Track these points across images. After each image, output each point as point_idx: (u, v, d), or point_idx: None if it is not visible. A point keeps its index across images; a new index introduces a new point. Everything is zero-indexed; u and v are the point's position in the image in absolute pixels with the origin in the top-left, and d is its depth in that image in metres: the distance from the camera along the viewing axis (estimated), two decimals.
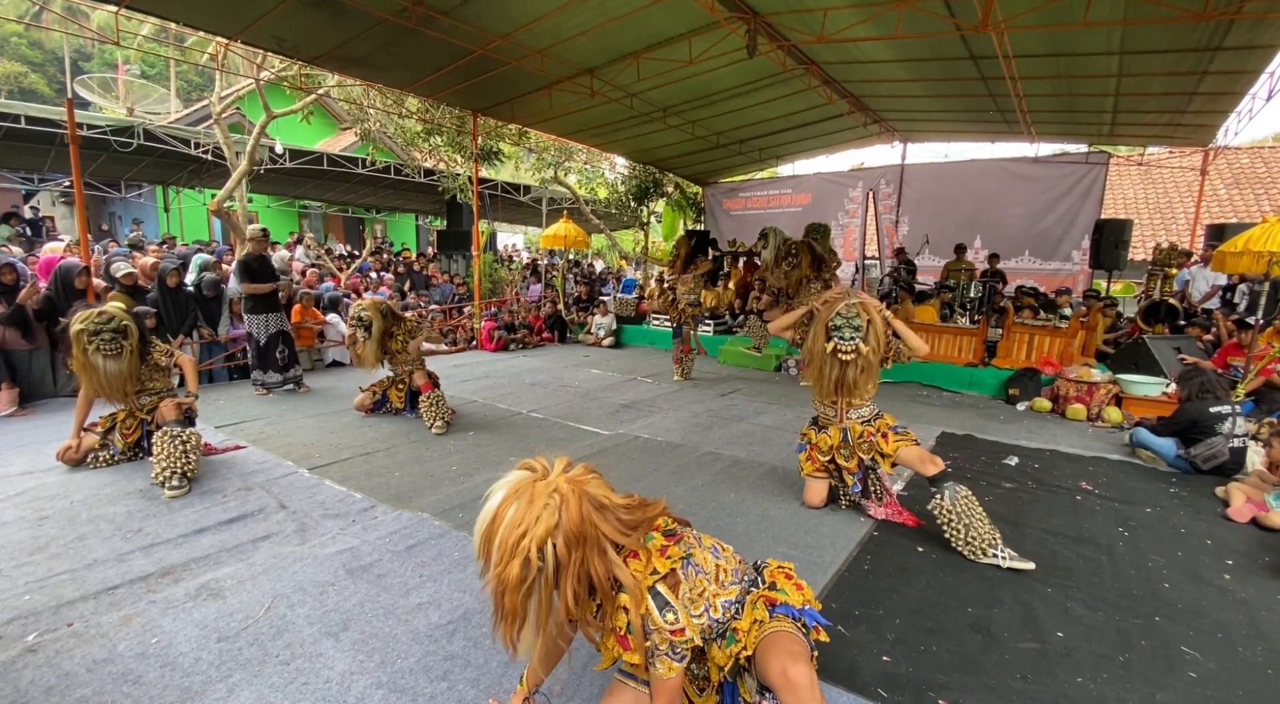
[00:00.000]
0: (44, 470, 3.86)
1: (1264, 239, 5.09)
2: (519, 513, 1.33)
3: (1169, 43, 5.94)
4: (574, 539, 1.36)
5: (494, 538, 1.33)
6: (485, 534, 1.35)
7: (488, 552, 1.35)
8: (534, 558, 1.32)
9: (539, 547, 1.32)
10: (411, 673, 2.06)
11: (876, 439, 3.21)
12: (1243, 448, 4.17)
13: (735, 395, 6.56)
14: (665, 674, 1.48)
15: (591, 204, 16.34)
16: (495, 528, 1.33)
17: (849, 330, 3.05)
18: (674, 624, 1.45)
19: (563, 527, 1.35)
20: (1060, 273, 10.23)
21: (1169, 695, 2.05)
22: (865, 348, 3.05)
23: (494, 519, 1.34)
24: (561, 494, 1.37)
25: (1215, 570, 2.93)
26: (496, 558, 1.32)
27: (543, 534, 1.33)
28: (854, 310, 3.04)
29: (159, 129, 11.21)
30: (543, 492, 1.36)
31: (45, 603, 2.41)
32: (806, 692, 1.44)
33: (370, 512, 3.34)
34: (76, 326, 3.62)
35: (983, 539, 2.85)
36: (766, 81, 8.20)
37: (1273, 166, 14.82)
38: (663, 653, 1.46)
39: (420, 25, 6.02)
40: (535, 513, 1.33)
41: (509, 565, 1.31)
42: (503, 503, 1.35)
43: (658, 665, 1.47)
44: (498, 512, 1.35)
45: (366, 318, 5.08)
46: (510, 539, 1.32)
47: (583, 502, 1.39)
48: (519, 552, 1.31)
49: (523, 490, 1.36)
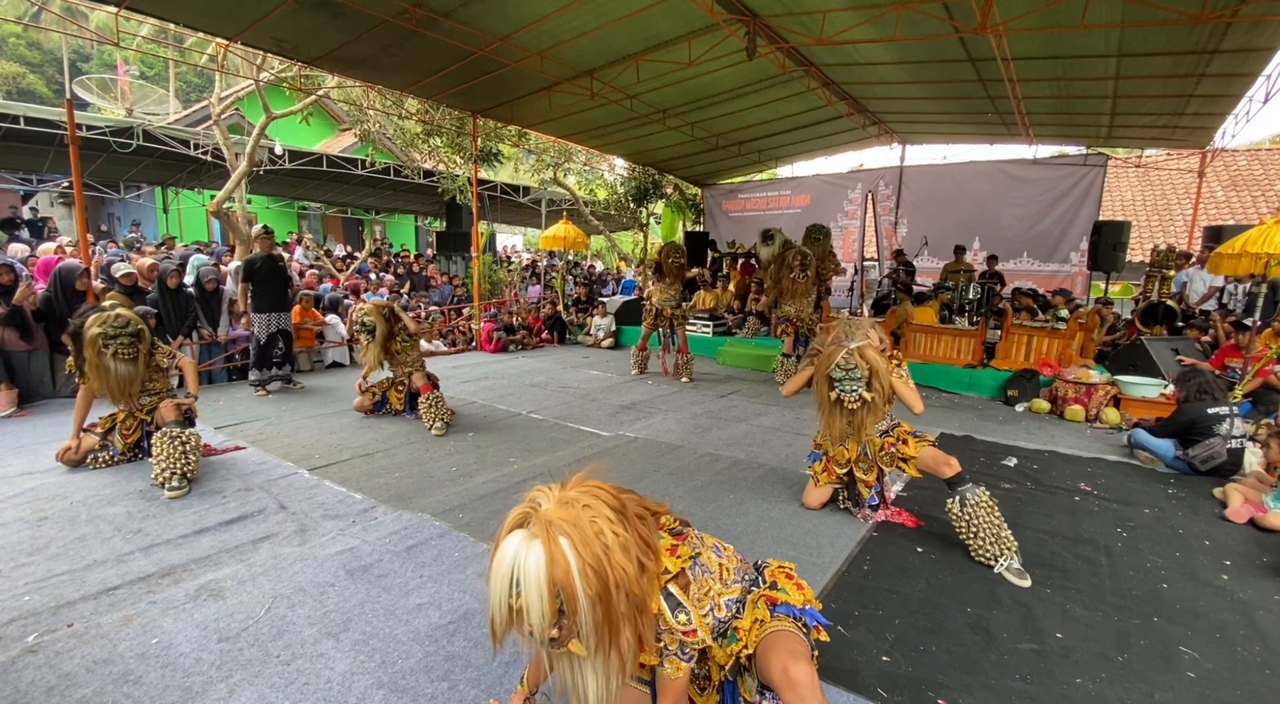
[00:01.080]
0: (43, 471, 3.86)
1: (1261, 241, 5.10)
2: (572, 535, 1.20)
3: (1166, 45, 5.96)
4: (620, 513, 1.32)
5: (570, 573, 1.17)
6: (552, 580, 1.17)
7: (569, 591, 1.18)
8: (622, 535, 1.25)
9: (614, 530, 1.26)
10: (412, 673, 2.06)
11: (898, 446, 3.19)
12: (1240, 449, 4.18)
13: (735, 396, 6.57)
14: (674, 674, 1.47)
15: (591, 205, 16.36)
16: (563, 564, 1.17)
17: (849, 382, 2.97)
18: (686, 625, 1.43)
19: (608, 506, 1.30)
20: (1059, 274, 10.26)
21: (1167, 695, 2.05)
22: (869, 395, 2.98)
23: (553, 560, 1.17)
24: (576, 498, 1.30)
25: (1213, 571, 2.94)
26: (593, 582, 1.18)
27: (607, 523, 1.26)
28: (851, 361, 2.93)
29: (158, 130, 11.21)
30: (566, 510, 1.25)
31: (45, 604, 2.41)
32: (807, 690, 1.44)
33: (370, 512, 3.34)
34: (94, 330, 3.64)
35: (986, 551, 2.85)
36: (766, 83, 8.22)
37: (1270, 168, 14.85)
38: (672, 653, 1.45)
39: (420, 27, 6.03)
40: (585, 521, 1.23)
41: (614, 567, 1.20)
42: (545, 545, 1.18)
43: (666, 666, 1.46)
44: (551, 553, 1.17)
45: (370, 322, 5.09)
46: (593, 554, 1.19)
47: (599, 486, 1.35)
48: (613, 547, 1.22)
49: (548, 523, 1.21)
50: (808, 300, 7.16)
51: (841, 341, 2.98)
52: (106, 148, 10.81)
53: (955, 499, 2.94)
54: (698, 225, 14.16)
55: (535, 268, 15.55)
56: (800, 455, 4.51)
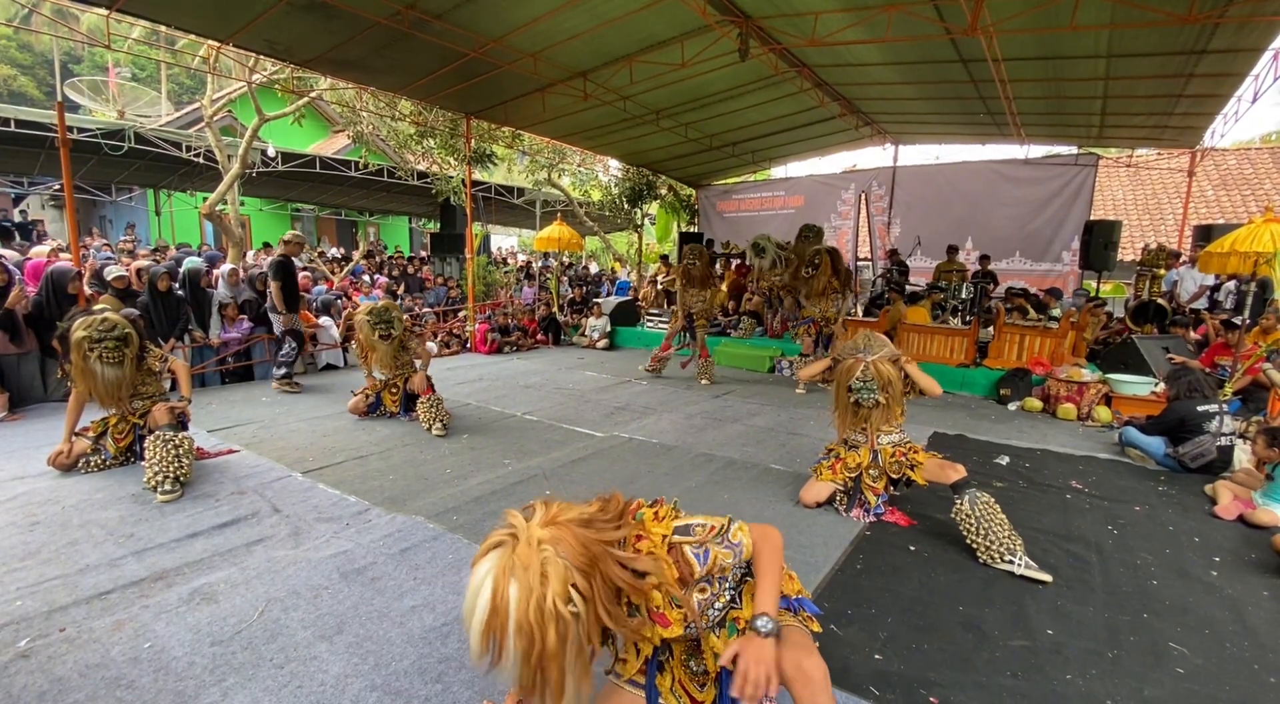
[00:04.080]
0: (35, 475, 3.84)
1: (1250, 240, 5.15)
2: (522, 586, 1.21)
3: (1155, 46, 6.01)
4: (588, 567, 1.29)
5: (507, 625, 1.20)
6: (489, 626, 1.20)
7: (501, 641, 1.21)
8: (566, 613, 1.23)
9: (565, 599, 1.23)
10: (406, 675, 2.06)
11: (909, 455, 3.36)
12: (1230, 446, 4.22)
13: (729, 397, 6.58)
14: (747, 538, 1.53)
15: (585, 206, 16.36)
16: (503, 616, 1.20)
17: (866, 392, 3.29)
18: (703, 531, 1.50)
19: (572, 564, 1.26)
20: (1051, 274, 10.32)
21: (1157, 690, 2.07)
22: (884, 398, 3.29)
23: (494, 609, 1.20)
24: (548, 539, 1.27)
25: (1203, 567, 2.97)
26: (522, 642, 1.20)
27: (561, 588, 1.23)
28: (869, 374, 3.26)
29: (150, 132, 11.17)
30: (531, 553, 1.24)
31: (37, 608, 2.40)
32: (820, 684, 1.46)
33: (364, 515, 3.34)
34: (79, 333, 3.60)
35: (1001, 544, 2.86)
36: (759, 84, 8.25)
37: (1259, 168, 14.99)
38: (720, 546, 1.49)
39: (413, 29, 6.02)
40: (538, 573, 1.22)
41: (545, 637, 1.20)
42: (496, 588, 1.21)
43: (734, 540, 1.51)
44: (495, 599, 1.20)
45: (392, 317, 5.09)
46: (530, 614, 1.20)
47: (571, 530, 1.31)
48: (548, 616, 1.21)
49: (509, 565, 1.23)
50: (829, 301, 7.14)
51: (859, 355, 3.31)
52: (98, 150, 10.76)
53: (965, 499, 2.96)
54: (692, 226, 14.18)
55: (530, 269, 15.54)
56: (795, 455, 4.53)
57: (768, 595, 1.53)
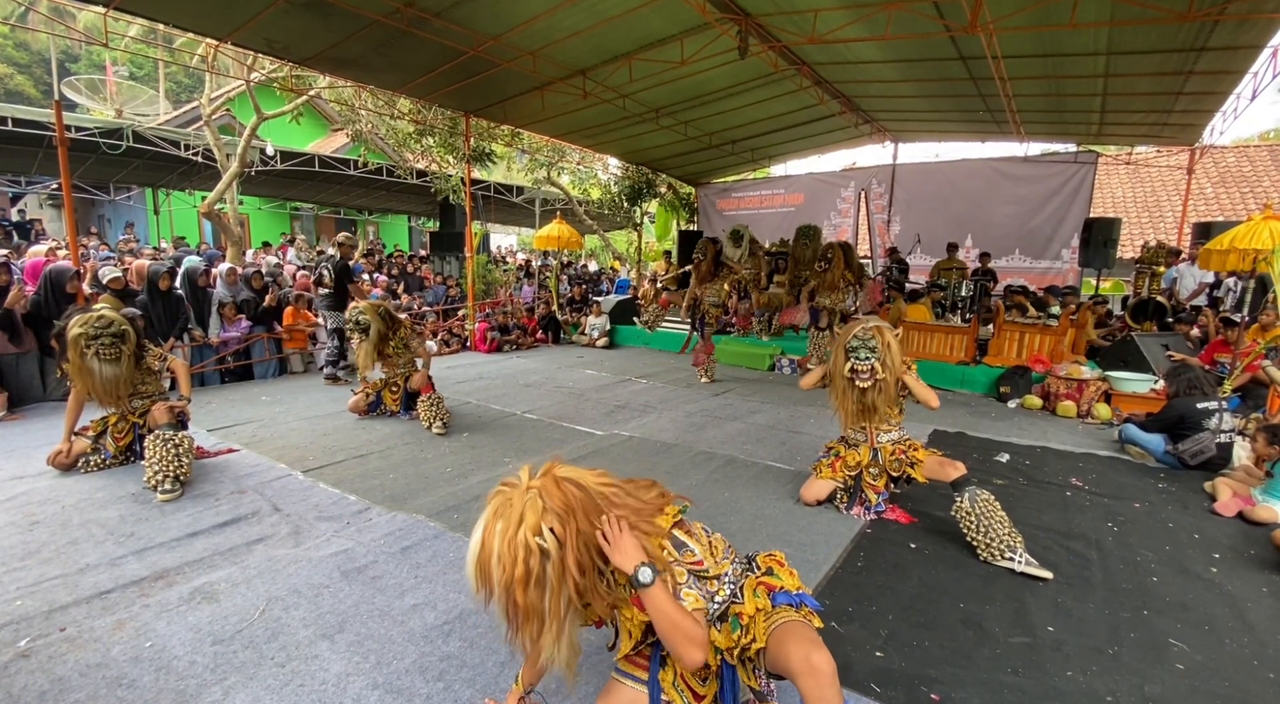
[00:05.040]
0: (34, 475, 3.84)
1: (1249, 237, 5.15)
2: (505, 524, 1.34)
3: (1155, 43, 6.00)
4: (565, 512, 1.39)
5: (490, 559, 1.33)
6: (480, 562, 1.34)
7: (487, 575, 1.34)
8: (534, 545, 1.33)
9: (535, 533, 1.34)
10: (407, 673, 2.06)
11: (910, 453, 3.35)
12: (1229, 443, 4.23)
13: (729, 395, 6.58)
14: (693, 605, 1.51)
15: (585, 205, 16.34)
16: (488, 551, 1.34)
17: (864, 351, 3.19)
18: (693, 557, 1.54)
19: (550, 508, 1.37)
20: (1050, 271, 10.32)
21: (1157, 687, 2.08)
22: (880, 369, 3.17)
23: (483, 545, 1.35)
24: (536, 487, 1.40)
25: (1202, 564, 2.97)
26: (502, 572, 1.32)
27: (535, 522, 1.35)
28: (869, 333, 3.20)
29: (148, 131, 11.14)
30: (518, 497, 1.38)
31: (38, 608, 2.40)
32: (828, 678, 1.47)
33: (365, 514, 3.34)
34: (75, 330, 3.59)
35: (1001, 542, 2.86)
36: (758, 82, 8.24)
37: (1258, 165, 14.99)
38: (684, 585, 1.51)
39: (412, 27, 6.01)
40: (518, 513, 1.35)
41: (516, 567, 1.31)
42: (486, 525, 1.36)
43: (685, 598, 1.51)
44: (484, 536, 1.35)
45: (365, 321, 5.08)
46: (505, 547, 1.32)
47: (559, 483, 1.42)
48: (519, 546, 1.32)
49: (500, 506, 1.38)
50: (842, 294, 7.16)
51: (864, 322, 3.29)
52: (96, 149, 10.73)
53: (965, 497, 2.96)
54: (692, 224, 14.17)
55: (529, 268, 15.52)
56: (795, 453, 4.54)
57: (659, 598, 1.44)
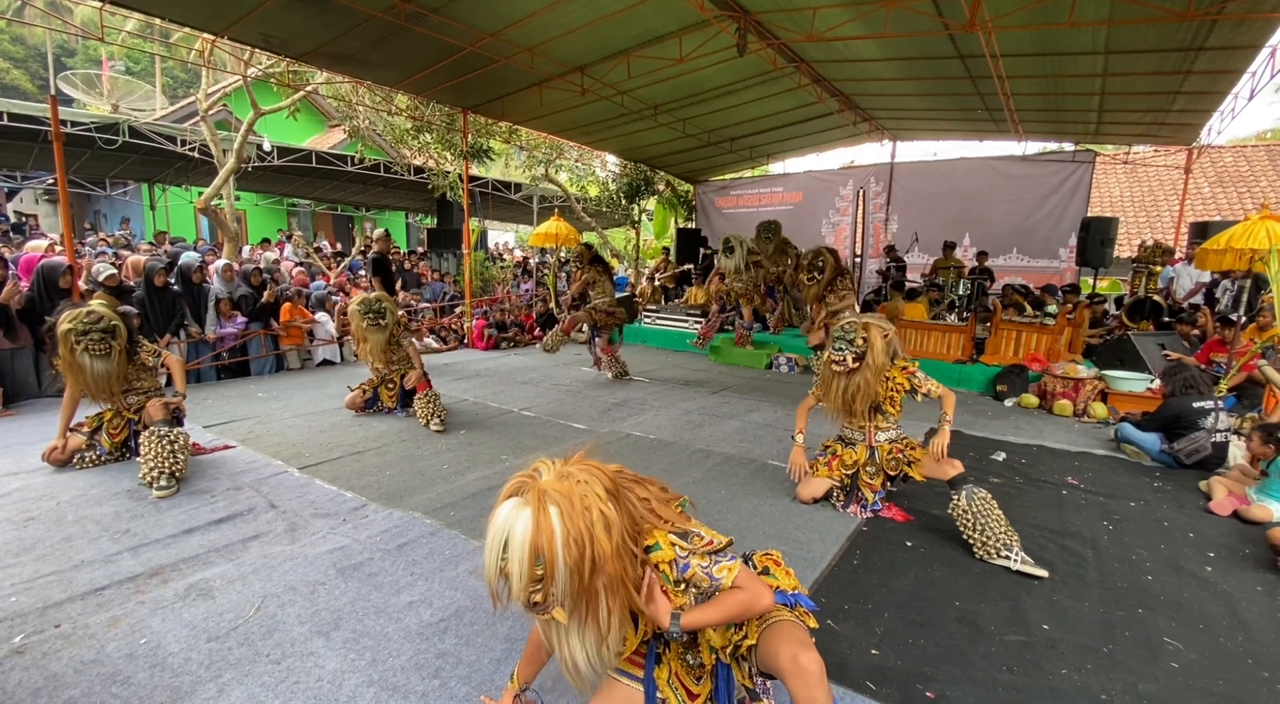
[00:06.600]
0: (29, 471, 3.82)
1: (1246, 236, 5.16)
2: (562, 504, 1.28)
3: (1153, 43, 6.00)
4: (614, 491, 1.39)
5: (554, 541, 1.26)
6: (534, 546, 1.26)
7: (551, 560, 1.26)
8: (610, 511, 1.32)
9: (605, 499, 1.33)
10: (403, 671, 2.06)
11: (907, 452, 3.35)
12: (1225, 442, 4.24)
13: (726, 393, 6.58)
14: (730, 577, 1.49)
15: (583, 202, 16.31)
16: (548, 532, 1.26)
17: (842, 342, 3.27)
18: (701, 540, 1.52)
19: (601, 485, 1.37)
20: (1048, 270, 10.34)
21: (1151, 685, 2.08)
22: (852, 361, 3.23)
23: (539, 528, 1.26)
24: (574, 472, 1.38)
25: (1197, 563, 2.98)
26: (573, 553, 1.26)
27: (601, 490, 1.34)
28: (852, 328, 3.26)
29: (144, 126, 11.07)
30: (561, 483, 1.33)
31: (32, 605, 2.39)
32: (816, 678, 1.47)
33: (361, 511, 3.33)
34: (65, 326, 3.57)
35: (997, 540, 2.87)
36: (757, 80, 8.22)
37: (1255, 165, 15.01)
38: (708, 564, 1.49)
39: (409, 22, 5.98)
40: (575, 491, 1.31)
41: (595, 539, 1.28)
42: (534, 513, 1.27)
43: (716, 574, 1.49)
44: (539, 519, 1.26)
45: (384, 308, 5.06)
46: (579, 521, 1.28)
47: (590, 466, 1.42)
48: (596, 520, 1.29)
49: (540, 493, 1.30)
50: (839, 296, 7.15)
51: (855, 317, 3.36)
52: (92, 144, 10.67)
53: (961, 495, 2.97)
54: (690, 222, 14.16)
55: (527, 265, 15.48)
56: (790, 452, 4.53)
57: (698, 616, 1.49)
